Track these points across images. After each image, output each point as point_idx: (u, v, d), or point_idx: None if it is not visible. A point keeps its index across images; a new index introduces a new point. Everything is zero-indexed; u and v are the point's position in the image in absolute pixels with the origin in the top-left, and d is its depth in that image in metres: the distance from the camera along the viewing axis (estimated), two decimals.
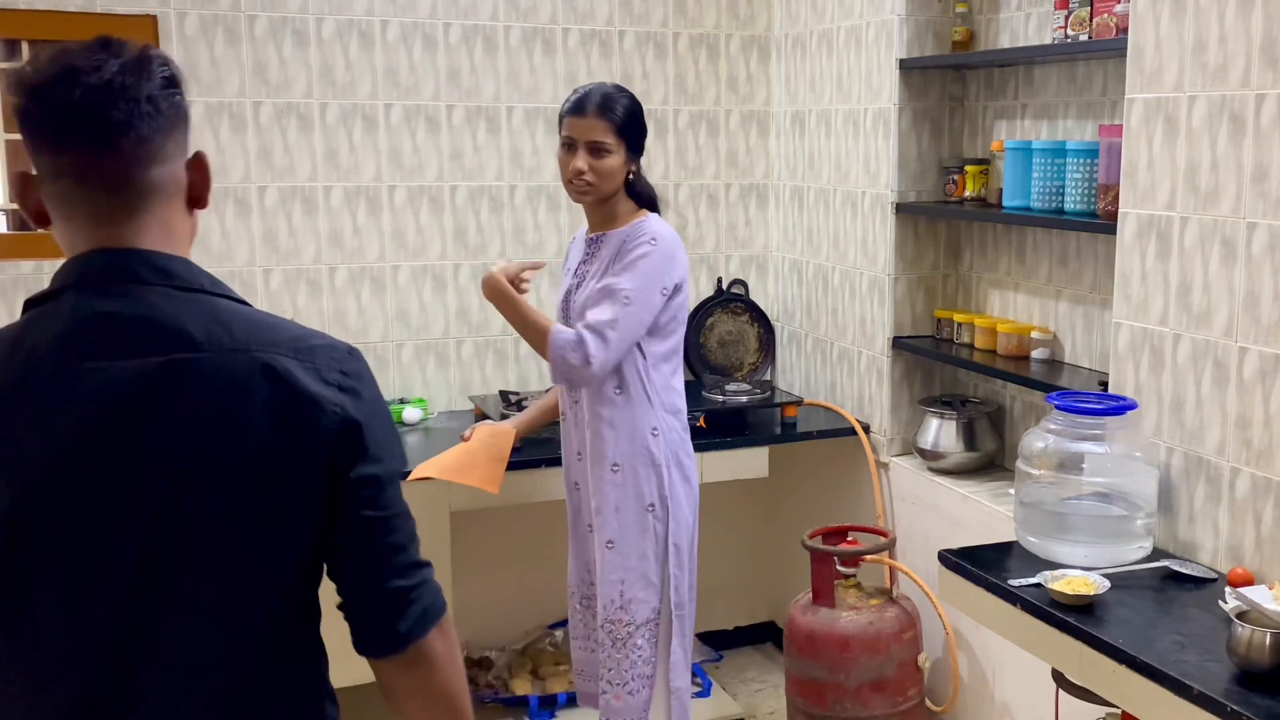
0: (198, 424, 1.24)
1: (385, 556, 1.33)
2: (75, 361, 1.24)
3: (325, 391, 1.29)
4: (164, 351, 1.25)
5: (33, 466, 1.23)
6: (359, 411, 1.31)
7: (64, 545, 1.23)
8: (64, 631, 1.24)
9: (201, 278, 1.34)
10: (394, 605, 1.34)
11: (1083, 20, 2.80)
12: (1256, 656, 1.96)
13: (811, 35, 3.84)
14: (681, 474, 2.82)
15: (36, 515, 1.23)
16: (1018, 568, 2.47)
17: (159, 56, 1.31)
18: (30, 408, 1.24)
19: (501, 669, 3.86)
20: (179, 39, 3.43)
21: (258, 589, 1.29)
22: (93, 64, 1.25)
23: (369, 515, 1.32)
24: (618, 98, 2.75)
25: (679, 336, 2.83)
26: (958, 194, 3.35)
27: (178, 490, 1.24)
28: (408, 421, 3.65)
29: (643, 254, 2.69)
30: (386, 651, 1.35)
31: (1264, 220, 2.26)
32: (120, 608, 1.24)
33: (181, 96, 1.32)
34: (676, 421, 2.83)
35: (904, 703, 3.20)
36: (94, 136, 1.25)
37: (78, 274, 1.28)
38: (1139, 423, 2.55)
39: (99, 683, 1.25)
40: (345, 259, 3.69)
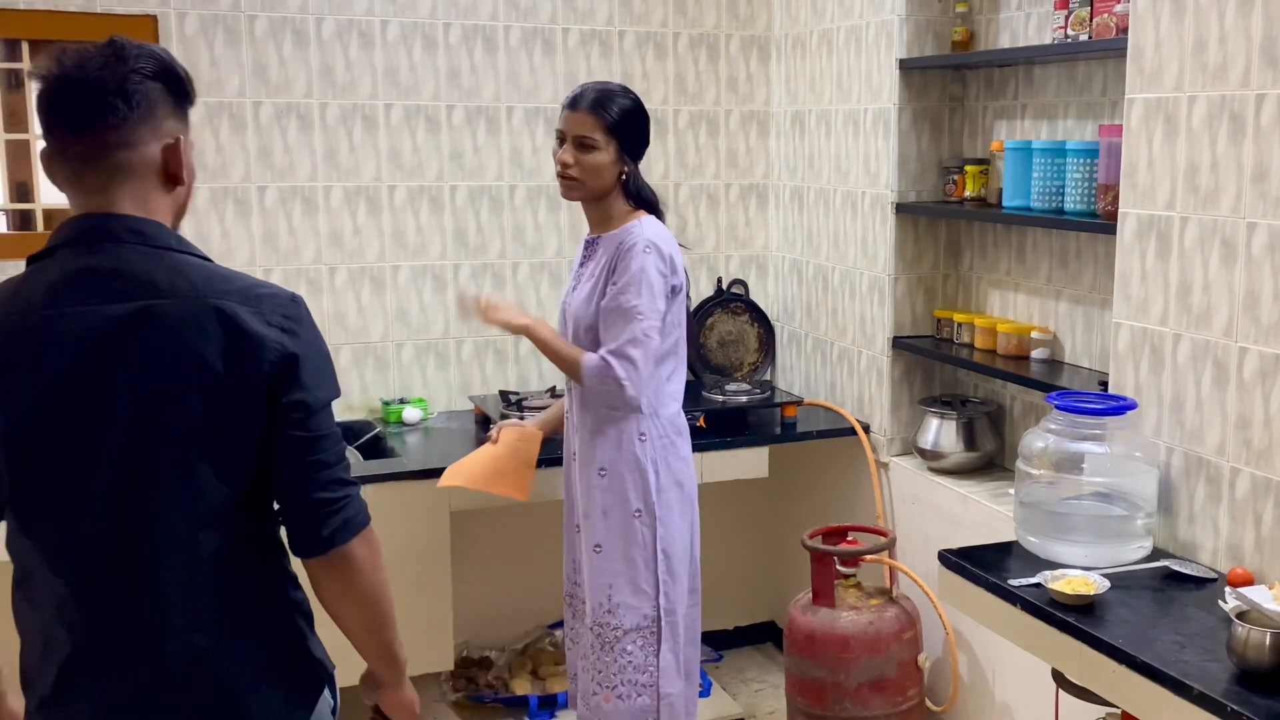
0: (163, 357, 1.52)
1: (312, 471, 1.59)
2: (60, 307, 1.52)
3: (267, 332, 1.55)
4: (135, 298, 1.52)
5: (30, 394, 1.52)
6: (295, 348, 1.57)
7: (61, 456, 1.53)
8: (72, 525, 1.54)
9: (170, 238, 1.59)
10: (318, 513, 1.60)
11: (1083, 20, 2.80)
12: (1256, 656, 1.96)
13: (811, 35, 3.84)
14: (673, 479, 2.79)
15: (37, 434, 1.53)
16: (1018, 568, 2.47)
17: (139, 53, 1.56)
18: (24, 345, 1.52)
19: (501, 669, 3.86)
20: (179, 39, 3.43)
21: (217, 484, 1.55)
22: (78, 62, 1.52)
23: (298, 435, 1.58)
24: (614, 97, 2.74)
25: (675, 338, 2.81)
26: (958, 194, 3.35)
27: (150, 409, 1.52)
28: (408, 421, 3.65)
29: (641, 265, 2.67)
30: (312, 553, 1.62)
31: (1264, 220, 2.26)
32: (113, 501, 1.53)
33: (159, 88, 1.57)
34: (669, 426, 2.80)
35: (904, 703, 3.20)
36: (69, 123, 1.54)
37: (66, 234, 1.57)
38: (1139, 423, 2.55)
39: (101, 564, 1.55)
40: (345, 259, 3.69)
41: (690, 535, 2.85)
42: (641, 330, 2.66)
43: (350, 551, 1.62)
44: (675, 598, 2.81)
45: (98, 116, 1.52)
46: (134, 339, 1.51)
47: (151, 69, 1.56)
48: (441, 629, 3.28)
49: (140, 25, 3.40)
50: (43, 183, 3.47)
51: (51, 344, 1.52)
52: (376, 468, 3.25)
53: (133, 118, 1.54)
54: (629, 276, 2.67)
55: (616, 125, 2.72)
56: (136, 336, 1.51)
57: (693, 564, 2.86)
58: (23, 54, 3.40)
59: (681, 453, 2.83)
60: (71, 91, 1.52)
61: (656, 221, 2.79)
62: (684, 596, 2.84)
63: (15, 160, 3.45)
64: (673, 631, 2.82)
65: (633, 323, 2.66)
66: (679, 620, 2.83)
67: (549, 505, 3.36)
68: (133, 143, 1.55)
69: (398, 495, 3.17)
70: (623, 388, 2.66)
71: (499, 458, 3.01)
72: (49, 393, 1.52)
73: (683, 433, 2.86)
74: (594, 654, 2.82)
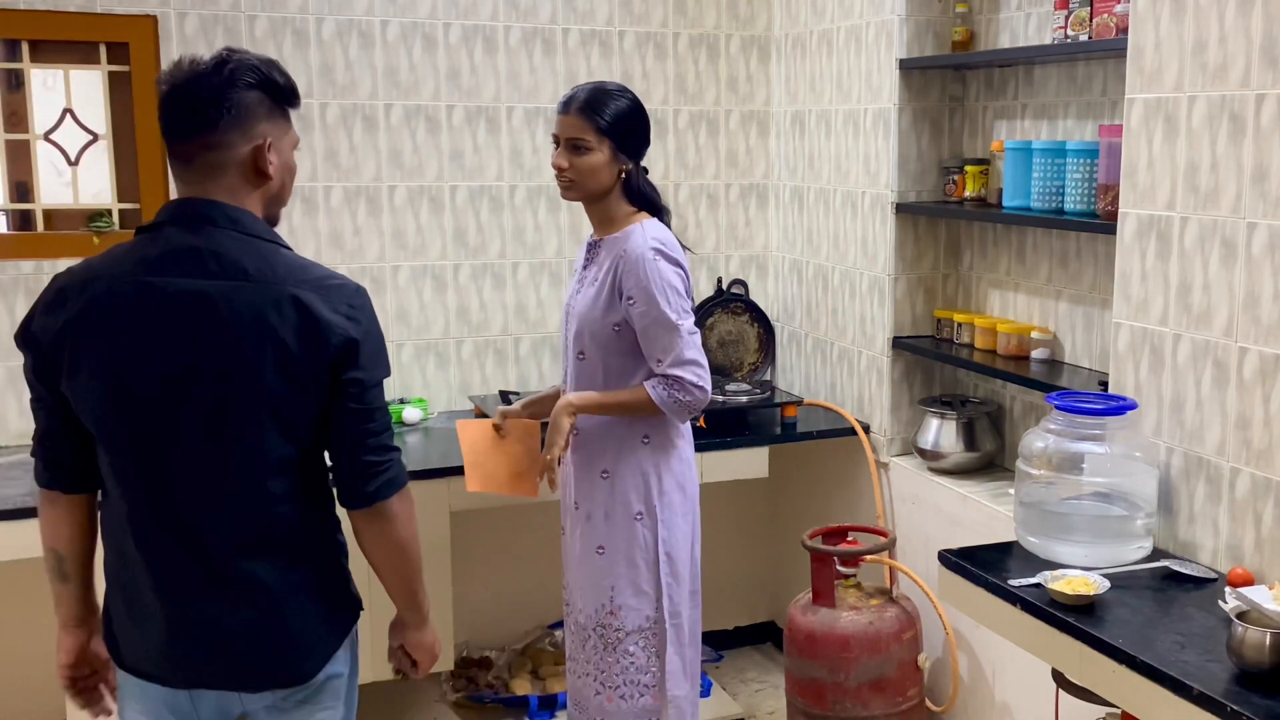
0: (246, 331, 1.78)
1: (363, 438, 1.87)
2: (166, 275, 1.80)
3: (334, 318, 1.82)
4: (228, 278, 1.80)
5: (134, 345, 1.79)
6: (356, 333, 1.84)
7: (157, 403, 1.80)
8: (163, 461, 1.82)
9: (260, 228, 1.87)
10: (365, 472, 1.88)
11: (1083, 20, 2.80)
12: (1256, 656, 1.96)
13: (811, 35, 3.84)
14: (675, 481, 2.78)
15: (137, 380, 1.79)
16: (1018, 568, 2.47)
17: (239, 66, 1.83)
18: (129, 305, 1.79)
19: (501, 669, 3.86)
20: (179, 39, 3.43)
21: (283, 442, 1.83)
22: (180, 76, 1.83)
23: (353, 407, 1.85)
24: (607, 98, 2.70)
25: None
26: (958, 194, 3.35)
27: (232, 373, 1.79)
28: (408, 421, 3.65)
29: (652, 274, 2.63)
30: (357, 505, 1.90)
31: (1264, 220, 2.26)
32: (196, 445, 1.81)
33: (256, 96, 1.84)
34: (671, 429, 2.79)
35: (904, 703, 3.20)
36: (169, 130, 1.85)
37: (172, 213, 1.86)
38: (1139, 423, 2.55)
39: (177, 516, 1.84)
40: (346, 258, 3.69)
41: (692, 537, 2.84)
42: (686, 330, 2.66)
43: (389, 506, 1.90)
44: (679, 600, 2.80)
45: (191, 125, 1.82)
46: (224, 313, 1.78)
47: (250, 80, 1.84)
48: (441, 629, 3.25)
49: (140, 25, 3.40)
50: (43, 183, 3.47)
51: (157, 305, 1.79)
52: None
53: (223, 124, 1.82)
54: (646, 290, 2.63)
55: (609, 126, 2.68)
56: (227, 311, 1.78)
57: (694, 566, 2.85)
58: (23, 54, 3.39)
59: (684, 455, 2.82)
60: (177, 103, 1.83)
61: (658, 224, 2.75)
62: (687, 599, 2.83)
63: (15, 160, 3.45)
64: (678, 634, 2.81)
65: (673, 331, 2.64)
66: (684, 623, 2.82)
67: (548, 505, 3.36)
68: (223, 145, 1.83)
69: None
70: (698, 393, 2.66)
71: (516, 458, 2.93)
72: (151, 345, 1.79)
73: (685, 435, 2.84)
74: (596, 655, 2.82)
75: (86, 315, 1.80)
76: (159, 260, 1.81)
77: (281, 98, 1.90)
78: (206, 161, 1.83)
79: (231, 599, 1.86)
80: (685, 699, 2.85)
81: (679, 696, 2.83)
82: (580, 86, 2.75)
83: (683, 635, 2.83)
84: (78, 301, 1.80)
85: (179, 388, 1.80)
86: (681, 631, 2.82)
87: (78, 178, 3.49)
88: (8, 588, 3.42)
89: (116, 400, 1.81)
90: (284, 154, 1.92)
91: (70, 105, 3.46)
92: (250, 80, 1.84)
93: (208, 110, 1.81)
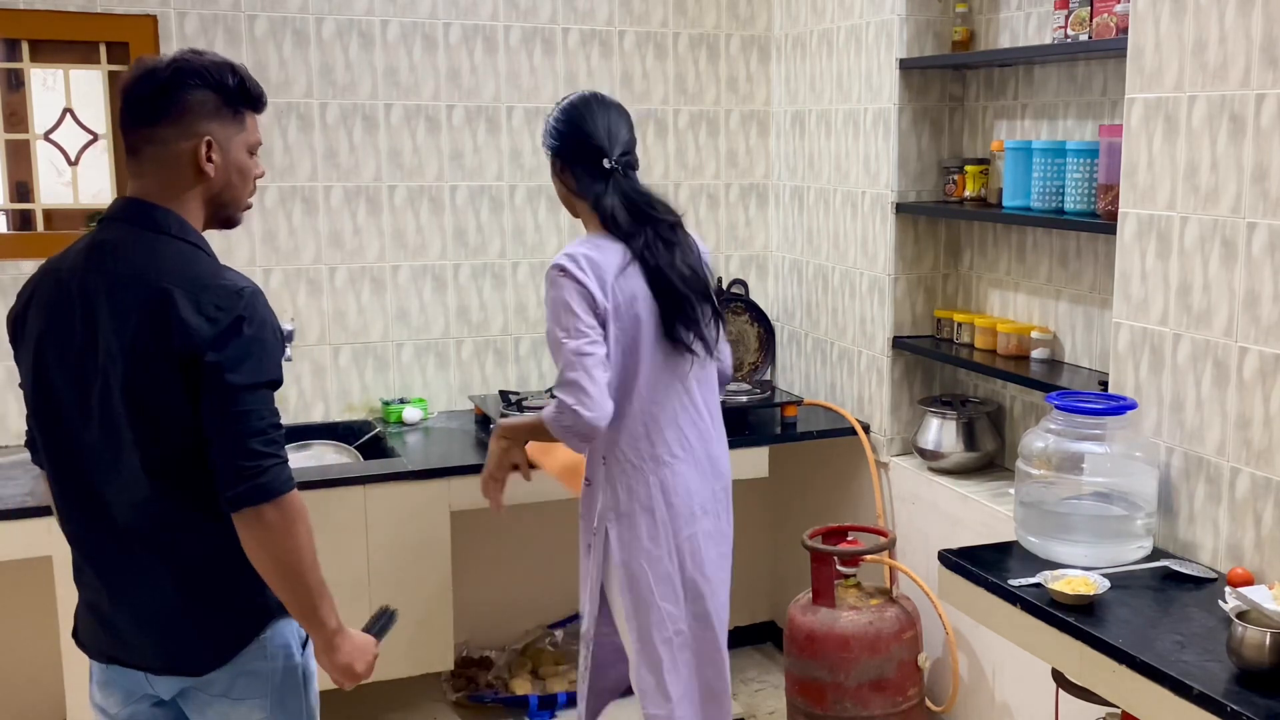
0: (121, 325, 1.84)
1: (232, 442, 1.83)
2: (74, 271, 1.89)
3: (191, 317, 1.81)
4: (118, 273, 1.86)
5: (49, 338, 1.90)
6: (209, 332, 1.81)
7: (67, 393, 1.90)
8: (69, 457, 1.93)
9: (172, 224, 1.90)
10: (233, 477, 1.84)
11: (1083, 20, 2.80)
12: (1256, 656, 1.96)
13: (811, 35, 3.84)
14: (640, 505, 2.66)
15: (52, 374, 1.91)
16: (1018, 568, 2.47)
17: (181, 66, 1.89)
18: (49, 298, 1.92)
19: (501, 669, 3.86)
20: (179, 39, 3.43)
21: (153, 438, 1.86)
22: (134, 73, 1.90)
23: (222, 408, 1.83)
24: (547, 123, 2.74)
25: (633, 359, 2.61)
26: (958, 194, 3.35)
27: (111, 368, 1.85)
28: (408, 421, 3.65)
29: (554, 288, 2.57)
30: (227, 509, 1.86)
31: (1264, 220, 2.26)
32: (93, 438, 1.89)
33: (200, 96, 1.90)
34: (633, 447, 2.65)
35: (904, 703, 3.20)
36: (120, 121, 1.92)
37: (110, 207, 1.96)
38: (1139, 423, 2.55)
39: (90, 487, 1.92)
40: (345, 259, 3.69)
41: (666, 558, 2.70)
42: (570, 351, 2.50)
43: (262, 515, 1.85)
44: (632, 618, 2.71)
45: (135, 119, 1.90)
46: (105, 308, 1.85)
47: (195, 81, 1.89)
48: (441, 629, 3.28)
49: (140, 25, 3.40)
50: (43, 183, 3.47)
51: (63, 297, 1.89)
52: (376, 468, 3.25)
53: (163, 121, 1.88)
54: (547, 307, 2.60)
55: (547, 146, 2.73)
56: (107, 306, 1.85)
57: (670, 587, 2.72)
58: (23, 54, 3.39)
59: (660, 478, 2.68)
60: (126, 96, 1.90)
61: (586, 239, 2.64)
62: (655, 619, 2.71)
63: (15, 160, 3.45)
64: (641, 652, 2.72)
65: (558, 351, 2.53)
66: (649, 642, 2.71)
67: (549, 505, 3.36)
68: (160, 140, 1.89)
69: (398, 495, 3.18)
70: (576, 414, 2.48)
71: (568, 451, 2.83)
72: (57, 335, 1.89)
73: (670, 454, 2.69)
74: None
75: (29, 302, 1.95)
76: (78, 254, 1.92)
77: (232, 100, 1.93)
78: (148, 155, 1.90)
79: (137, 583, 1.93)
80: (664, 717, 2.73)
81: (657, 715, 2.73)
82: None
83: (650, 654, 2.71)
84: (28, 289, 1.96)
85: (76, 378, 1.89)
86: (649, 649, 2.71)
87: (78, 177, 3.49)
88: (8, 588, 3.42)
89: (38, 386, 1.93)
90: (231, 155, 1.94)
91: (70, 105, 3.46)
92: (196, 81, 1.90)
93: (148, 105, 1.89)
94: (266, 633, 1.98)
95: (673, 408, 2.68)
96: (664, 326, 2.62)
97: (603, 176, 2.64)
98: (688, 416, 2.71)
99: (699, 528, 2.74)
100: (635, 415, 2.64)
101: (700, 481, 2.74)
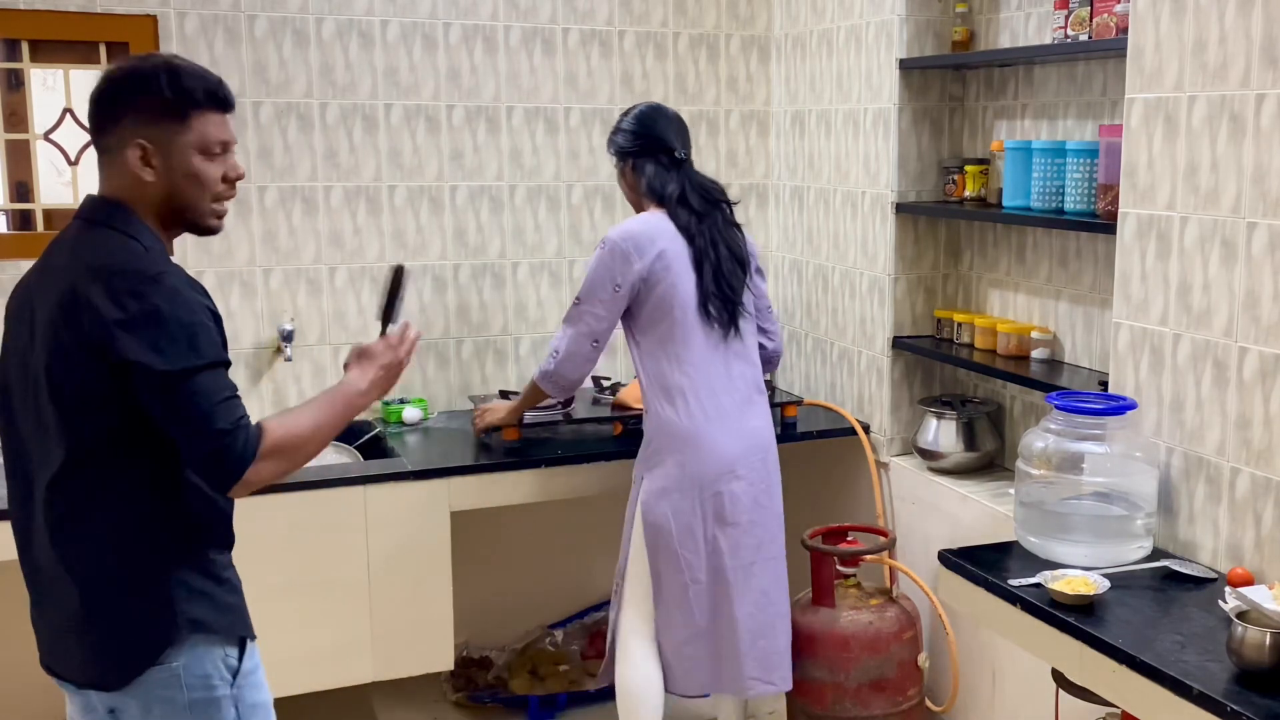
0: (45, 318, 1.83)
1: (188, 434, 1.79)
2: (30, 273, 1.93)
3: (102, 304, 1.77)
4: (49, 268, 1.88)
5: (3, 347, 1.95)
6: (116, 314, 1.76)
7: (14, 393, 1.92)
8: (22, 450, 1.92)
9: (117, 218, 1.88)
10: (204, 467, 1.81)
11: (1083, 20, 2.80)
12: (1256, 656, 1.96)
13: (811, 35, 3.84)
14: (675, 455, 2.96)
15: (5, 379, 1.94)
16: (1018, 568, 2.47)
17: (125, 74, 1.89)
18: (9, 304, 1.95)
19: (501, 669, 3.86)
20: (179, 39, 3.43)
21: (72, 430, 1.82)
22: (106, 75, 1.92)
23: (151, 399, 1.79)
24: (613, 129, 3.15)
25: (668, 325, 2.97)
26: (958, 194, 3.35)
27: (37, 362, 1.84)
28: (408, 421, 3.65)
29: (594, 260, 3.00)
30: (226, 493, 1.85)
31: (1264, 220, 2.26)
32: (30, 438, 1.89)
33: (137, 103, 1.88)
34: (670, 406, 2.97)
35: (904, 703, 3.20)
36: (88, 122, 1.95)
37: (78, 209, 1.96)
38: (1139, 423, 2.55)
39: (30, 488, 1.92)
40: (345, 259, 3.69)
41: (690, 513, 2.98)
42: (568, 315, 3.03)
43: (250, 482, 1.81)
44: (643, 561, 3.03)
45: (90, 126, 1.93)
46: (36, 301, 1.87)
47: (134, 87, 1.88)
48: (441, 629, 3.28)
49: (140, 25, 3.40)
50: (43, 183, 3.47)
51: (21, 301, 1.92)
52: (376, 468, 3.25)
53: (105, 128, 1.90)
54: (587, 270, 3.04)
55: (618, 151, 3.11)
56: (38, 299, 1.86)
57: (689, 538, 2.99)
58: (22, 54, 3.39)
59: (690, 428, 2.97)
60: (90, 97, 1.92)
61: (641, 216, 3.04)
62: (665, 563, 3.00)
63: (15, 160, 3.45)
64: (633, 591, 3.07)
65: (567, 316, 3.06)
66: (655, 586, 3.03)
67: (549, 505, 3.36)
68: (106, 148, 1.91)
69: (398, 495, 3.17)
70: (546, 376, 3.08)
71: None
72: (15, 339, 1.92)
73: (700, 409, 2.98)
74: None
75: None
76: (42, 254, 1.95)
77: (170, 103, 1.88)
78: (103, 160, 1.93)
79: (62, 589, 1.90)
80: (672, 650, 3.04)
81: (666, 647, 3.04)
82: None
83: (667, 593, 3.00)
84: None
85: (19, 377, 1.90)
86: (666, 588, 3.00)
87: (78, 177, 3.49)
88: (8, 588, 3.41)
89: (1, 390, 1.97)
90: (175, 159, 1.89)
91: (70, 105, 3.46)
92: (127, 87, 1.89)
93: (92, 114, 1.92)
94: (177, 661, 1.88)
95: (709, 374, 2.99)
96: (701, 298, 2.97)
97: (674, 166, 3.06)
98: (723, 384, 3.00)
99: (726, 488, 2.97)
100: (673, 375, 2.97)
101: (734, 445, 2.99)
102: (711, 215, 3.03)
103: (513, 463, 3.31)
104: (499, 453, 3.37)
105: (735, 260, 3.03)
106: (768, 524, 3.04)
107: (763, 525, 3.03)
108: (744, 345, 3.06)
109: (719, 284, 2.98)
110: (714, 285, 2.97)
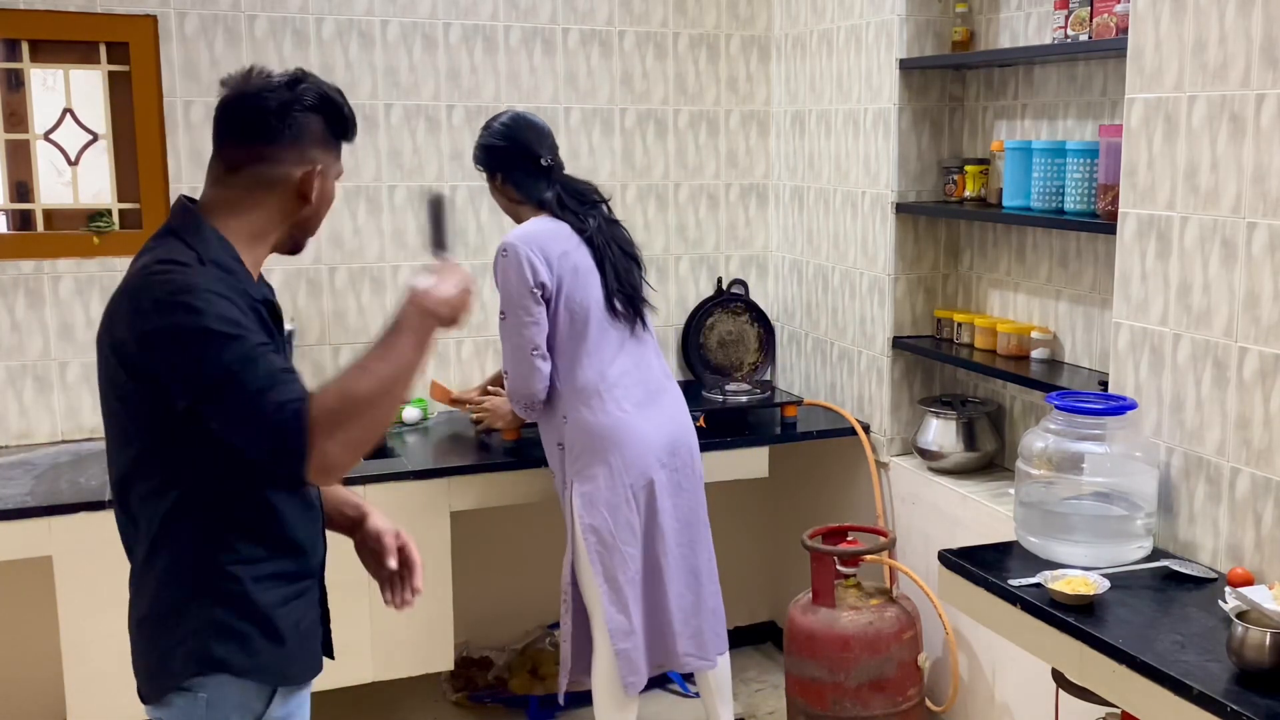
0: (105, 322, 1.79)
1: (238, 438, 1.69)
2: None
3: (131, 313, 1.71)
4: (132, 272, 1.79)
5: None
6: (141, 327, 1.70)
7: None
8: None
9: (185, 224, 1.80)
10: (272, 469, 1.73)
11: (1083, 20, 2.80)
12: (1256, 656, 1.96)
13: (811, 35, 3.84)
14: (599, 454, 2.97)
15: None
16: (1018, 568, 2.47)
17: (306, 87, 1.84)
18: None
19: (501, 669, 3.86)
20: (179, 39, 3.43)
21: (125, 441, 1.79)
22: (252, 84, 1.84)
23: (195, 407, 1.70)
24: (477, 142, 3.11)
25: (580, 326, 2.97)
26: (958, 194, 3.35)
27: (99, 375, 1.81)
28: (408, 421, 3.65)
29: (498, 271, 2.96)
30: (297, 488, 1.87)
31: (1264, 220, 2.26)
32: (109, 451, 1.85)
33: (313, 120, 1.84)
34: (586, 408, 2.97)
35: (904, 703, 3.20)
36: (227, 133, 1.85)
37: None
38: (1139, 423, 2.55)
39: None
40: (345, 259, 3.69)
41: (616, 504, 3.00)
42: (505, 336, 2.98)
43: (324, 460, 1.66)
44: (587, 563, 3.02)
45: (252, 134, 1.81)
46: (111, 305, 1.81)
47: (314, 103, 1.83)
48: (441, 629, 3.28)
49: (140, 25, 3.40)
50: (43, 182, 3.47)
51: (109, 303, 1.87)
52: (376, 468, 3.25)
53: (282, 139, 1.81)
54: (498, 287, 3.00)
55: (486, 164, 3.09)
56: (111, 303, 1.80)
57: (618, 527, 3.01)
58: (23, 54, 3.39)
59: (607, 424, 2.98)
60: (242, 107, 1.82)
61: (532, 221, 3.01)
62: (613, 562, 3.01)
63: (15, 160, 3.45)
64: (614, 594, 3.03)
65: (502, 332, 3.00)
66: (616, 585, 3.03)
67: (549, 505, 3.36)
68: (276, 160, 1.81)
69: (398, 495, 3.17)
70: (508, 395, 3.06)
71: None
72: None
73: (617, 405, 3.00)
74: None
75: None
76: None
77: (339, 130, 1.89)
78: (255, 174, 1.81)
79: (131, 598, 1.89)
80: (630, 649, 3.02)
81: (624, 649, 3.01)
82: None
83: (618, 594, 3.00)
84: None
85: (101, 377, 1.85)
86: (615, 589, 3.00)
87: (78, 177, 3.49)
88: (8, 588, 3.42)
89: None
90: (327, 183, 1.88)
91: (70, 105, 3.46)
92: (314, 104, 1.84)
93: (270, 121, 1.80)
94: (203, 691, 1.82)
95: (622, 370, 3.02)
96: (606, 296, 3.00)
97: (544, 173, 3.05)
98: (635, 377, 3.04)
99: (655, 476, 3.02)
100: (589, 376, 2.98)
101: (655, 434, 3.03)
102: (594, 215, 3.06)
103: (513, 463, 3.32)
104: (499, 453, 3.37)
105: (628, 256, 3.10)
106: (694, 507, 3.11)
107: (689, 508, 3.10)
108: (650, 336, 3.14)
109: (619, 280, 3.04)
110: (616, 282, 3.03)
